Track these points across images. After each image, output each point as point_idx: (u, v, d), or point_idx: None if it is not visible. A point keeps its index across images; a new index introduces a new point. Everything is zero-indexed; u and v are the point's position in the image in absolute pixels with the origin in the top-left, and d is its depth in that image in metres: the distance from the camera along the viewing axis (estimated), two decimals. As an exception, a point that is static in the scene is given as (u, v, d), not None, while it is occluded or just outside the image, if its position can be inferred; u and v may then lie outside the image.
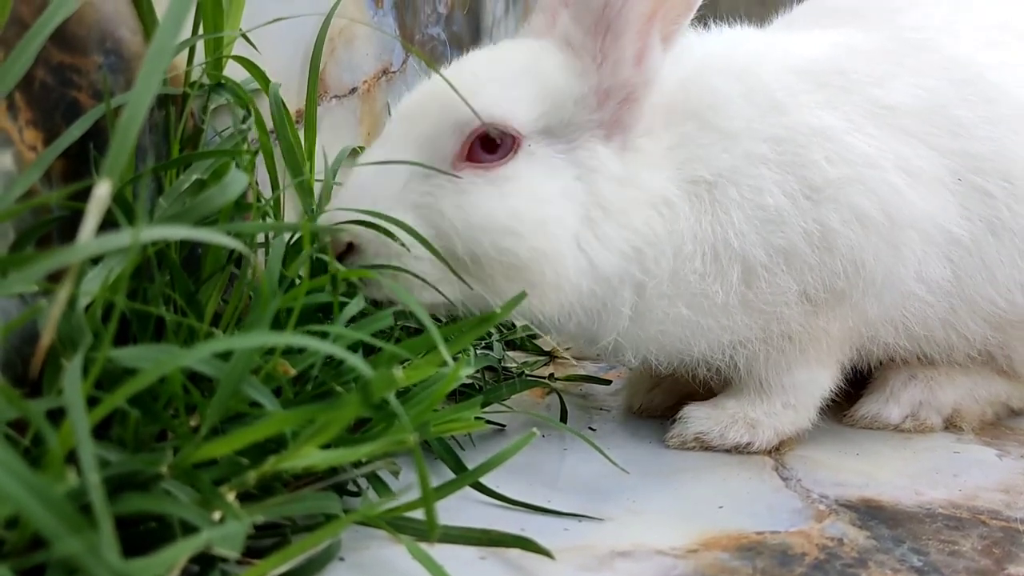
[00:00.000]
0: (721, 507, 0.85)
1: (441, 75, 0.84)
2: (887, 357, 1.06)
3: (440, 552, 0.65)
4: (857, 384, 1.11)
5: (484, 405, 0.94)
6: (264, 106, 0.96)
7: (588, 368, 1.32)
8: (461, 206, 0.86)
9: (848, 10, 1.10)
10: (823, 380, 1.01)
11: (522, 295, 0.80)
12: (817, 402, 1.02)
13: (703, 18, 1.07)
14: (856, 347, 1.02)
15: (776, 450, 1.00)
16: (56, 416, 0.54)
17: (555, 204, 0.88)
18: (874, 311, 0.97)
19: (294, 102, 1.14)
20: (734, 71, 0.96)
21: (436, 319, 0.93)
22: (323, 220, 0.88)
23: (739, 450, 0.99)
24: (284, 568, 0.64)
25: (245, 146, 0.89)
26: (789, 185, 0.91)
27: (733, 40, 1.05)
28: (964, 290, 0.99)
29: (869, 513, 0.84)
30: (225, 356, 0.60)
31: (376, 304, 0.87)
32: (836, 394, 1.04)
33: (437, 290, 0.86)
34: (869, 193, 0.92)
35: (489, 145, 0.87)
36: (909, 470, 0.95)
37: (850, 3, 1.12)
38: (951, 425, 1.09)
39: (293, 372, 0.71)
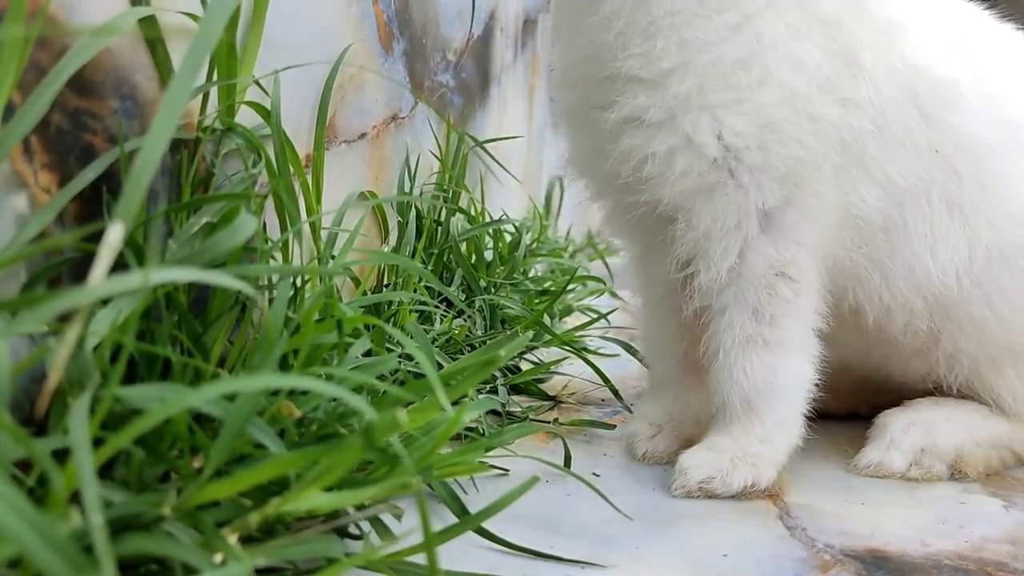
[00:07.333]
0: (725, 555, 0.84)
1: (445, 118, 0.89)
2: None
3: (441, 598, 0.65)
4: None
5: (488, 449, 0.94)
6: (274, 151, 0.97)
7: (593, 413, 1.32)
8: None
9: None
10: (805, 370, 1.01)
11: (524, 339, 0.85)
12: (802, 408, 1.01)
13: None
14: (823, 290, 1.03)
15: (779, 496, 1.00)
16: (61, 456, 0.54)
17: None
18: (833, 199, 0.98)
19: (304, 147, 1.15)
20: None
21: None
22: None
23: (744, 493, 0.99)
24: (284, 612, 0.64)
25: (255, 189, 0.91)
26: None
27: None
28: (894, 245, 1.02)
29: (875, 563, 0.83)
30: (231, 397, 0.61)
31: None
32: (842, 442, 1.03)
33: None
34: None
35: None
36: (915, 520, 0.95)
37: None
38: (957, 471, 1.09)
39: (298, 413, 0.71)
